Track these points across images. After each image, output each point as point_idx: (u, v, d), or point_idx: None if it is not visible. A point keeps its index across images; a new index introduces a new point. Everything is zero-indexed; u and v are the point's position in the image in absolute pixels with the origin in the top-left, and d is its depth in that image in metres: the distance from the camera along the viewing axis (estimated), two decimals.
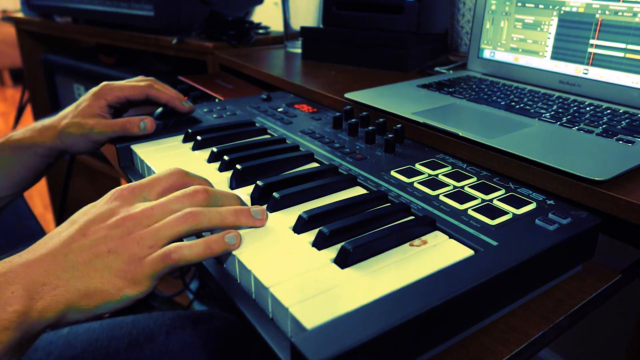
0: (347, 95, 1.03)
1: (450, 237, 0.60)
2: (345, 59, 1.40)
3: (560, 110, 0.92)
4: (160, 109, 1.03)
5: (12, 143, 0.94)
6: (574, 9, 1.00)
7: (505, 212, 0.64)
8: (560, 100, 0.97)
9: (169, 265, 0.55)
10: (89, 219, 0.57)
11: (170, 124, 0.98)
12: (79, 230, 0.56)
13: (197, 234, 0.60)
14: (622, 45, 0.94)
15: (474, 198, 0.68)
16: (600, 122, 0.85)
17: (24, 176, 0.97)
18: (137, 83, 0.96)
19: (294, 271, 0.53)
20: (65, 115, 0.95)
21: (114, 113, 0.97)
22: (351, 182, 0.73)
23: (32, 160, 0.96)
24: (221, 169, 0.79)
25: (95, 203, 0.60)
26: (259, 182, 0.69)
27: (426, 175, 0.75)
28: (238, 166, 0.74)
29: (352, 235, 0.58)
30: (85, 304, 0.54)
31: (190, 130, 0.92)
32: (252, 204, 0.68)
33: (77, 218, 0.58)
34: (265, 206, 0.67)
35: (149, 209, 0.58)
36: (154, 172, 0.79)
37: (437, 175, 0.75)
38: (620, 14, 0.94)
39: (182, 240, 0.58)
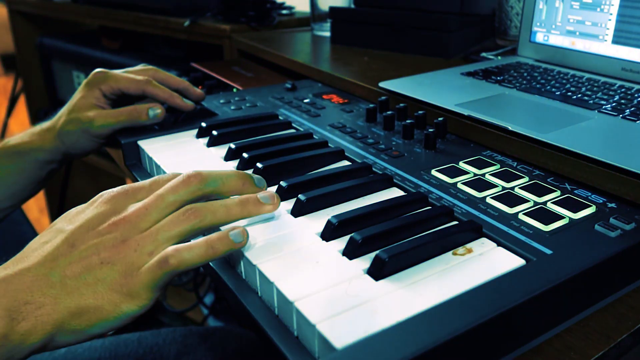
0: (381, 84, 1.04)
1: (499, 244, 0.60)
2: (380, 43, 1.40)
3: (622, 101, 0.91)
4: None
5: (9, 149, 0.95)
6: None
7: (560, 217, 0.64)
8: (623, 89, 0.97)
9: (167, 272, 0.54)
10: (77, 227, 0.56)
11: (182, 117, 0.99)
12: (66, 241, 0.55)
13: (202, 232, 0.60)
14: None
15: (526, 200, 0.68)
16: None
17: (23, 185, 0.97)
18: (134, 76, 0.94)
19: (322, 283, 0.53)
20: (62, 113, 0.95)
21: (111, 105, 0.96)
22: (387, 182, 0.74)
23: (32, 167, 0.96)
24: (240, 168, 0.80)
25: (81, 208, 0.60)
26: (282, 183, 0.70)
27: (471, 174, 0.75)
28: (259, 165, 0.75)
29: (388, 243, 0.59)
30: (77, 323, 0.53)
31: (204, 124, 0.93)
32: None
33: (63, 226, 0.58)
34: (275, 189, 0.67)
35: (142, 208, 0.57)
36: (163, 171, 0.81)
37: (483, 174, 0.75)
38: None
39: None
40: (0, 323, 0.50)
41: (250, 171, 0.76)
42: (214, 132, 0.89)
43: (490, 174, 0.75)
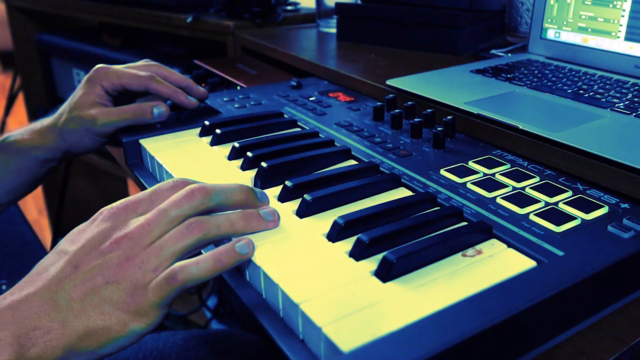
0: (389, 82, 1.04)
1: (509, 246, 0.60)
2: (387, 40, 1.40)
3: (635, 99, 0.91)
4: None
5: (9, 146, 0.95)
6: None
7: (572, 217, 0.64)
8: (636, 87, 0.97)
9: (176, 288, 0.55)
10: (79, 248, 0.57)
11: (185, 115, 0.99)
12: (69, 262, 0.56)
13: (206, 246, 0.60)
14: None
15: (537, 201, 0.68)
16: None
17: (21, 183, 0.97)
18: (137, 72, 0.94)
19: (328, 285, 0.53)
20: (64, 110, 0.95)
21: (113, 101, 0.96)
22: (394, 182, 0.74)
23: (32, 166, 0.96)
24: (244, 167, 0.80)
25: (83, 227, 0.60)
26: (287, 183, 0.70)
27: (481, 174, 0.75)
28: (263, 164, 0.75)
29: (396, 244, 0.59)
30: (86, 345, 0.54)
31: (207, 123, 0.93)
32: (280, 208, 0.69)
33: (66, 247, 0.58)
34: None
35: (145, 224, 0.57)
36: (166, 171, 0.81)
37: (493, 174, 0.75)
38: None
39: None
40: (10, 350, 0.50)
41: (254, 171, 0.77)
42: (218, 131, 0.89)
43: (500, 174, 0.75)
